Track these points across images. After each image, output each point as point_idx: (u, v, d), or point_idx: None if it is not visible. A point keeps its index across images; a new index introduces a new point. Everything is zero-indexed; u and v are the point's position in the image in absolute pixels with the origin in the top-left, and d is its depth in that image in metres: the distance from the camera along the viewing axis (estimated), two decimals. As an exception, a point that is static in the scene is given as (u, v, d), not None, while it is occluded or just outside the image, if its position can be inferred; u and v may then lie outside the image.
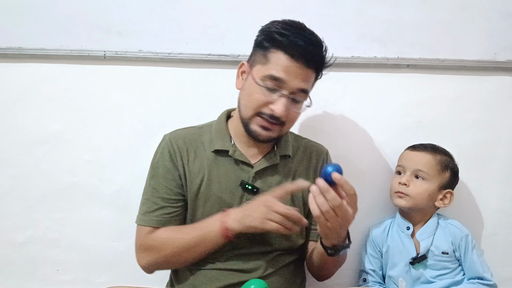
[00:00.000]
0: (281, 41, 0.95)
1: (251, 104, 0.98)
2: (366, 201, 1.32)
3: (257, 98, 0.97)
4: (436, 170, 1.18)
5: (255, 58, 1.01)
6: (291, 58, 0.95)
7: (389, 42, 1.29)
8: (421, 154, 1.20)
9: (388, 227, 1.25)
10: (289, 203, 1.06)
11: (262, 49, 0.99)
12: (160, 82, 1.30)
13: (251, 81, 0.99)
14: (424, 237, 1.19)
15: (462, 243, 1.18)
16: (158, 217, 1.04)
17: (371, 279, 1.24)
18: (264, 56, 0.98)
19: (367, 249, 1.26)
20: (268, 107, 0.97)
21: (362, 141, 1.32)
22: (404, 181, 1.19)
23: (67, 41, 1.26)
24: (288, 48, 0.95)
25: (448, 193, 1.20)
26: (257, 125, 1.00)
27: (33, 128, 1.29)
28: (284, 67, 0.95)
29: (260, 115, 0.99)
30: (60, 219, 1.31)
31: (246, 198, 1.04)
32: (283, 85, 0.96)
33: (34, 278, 1.32)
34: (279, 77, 0.95)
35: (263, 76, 0.96)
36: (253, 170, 1.05)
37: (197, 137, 1.08)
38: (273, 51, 0.96)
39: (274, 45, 0.96)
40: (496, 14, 1.29)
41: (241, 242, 1.02)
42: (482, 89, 1.32)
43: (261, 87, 0.96)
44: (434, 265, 1.17)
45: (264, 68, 0.97)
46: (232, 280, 1.01)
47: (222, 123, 1.09)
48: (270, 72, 0.96)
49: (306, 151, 1.14)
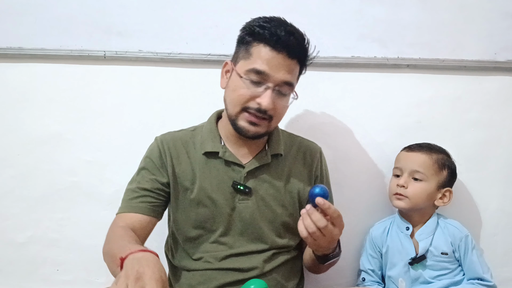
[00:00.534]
0: (262, 33, 0.95)
1: (237, 100, 0.98)
2: (366, 201, 1.33)
3: (242, 93, 0.97)
4: (433, 169, 1.18)
5: (238, 55, 1.01)
6: (273, 49, 0.95)
7: (389, 42, 1.29)
8: (417, 154, 1.20)
9: (388, 228, 1.25)
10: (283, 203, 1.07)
11: (244, 44, 0.99)
12: (160, 82, 1.30)
13: (235, 77, 0.99)
14: (423, 237, 1.19)
15: (462, 244, 1.18)
16: (135, 203, 1.02)
17: (370, 279, 1.24)
18: (246, 51, 0.98)
19: (367, 249, 1.26)
20: (254, 101, 0.97)
21: (362, 141, 1.32)
22: (402, 182, 1.19)
23: (67, 41, 1.27)
24: (269, 40, 0.95)
25: (447, 192, 1.20)
26: (245, 120, 0.99)
27: (33, 128, 1.29)
28: (267, 60, 0.95)
29: (247, 110, 0.98)
30: (60, 219, 1.31)
31: (239, 199, 1.04)
32: (268, 77, 0.95)
33: (34, 278, 1.32)
34: (263, 70, 0.95)
35: (246, 70, 0.96)
36: (244, 170, 1.05)
37: (189, 139, 1.08)
38: (255, 45, 0.97)
39: (256, 39, 0.97)
40: (496, 14, 1.29)
41: (237, 241, 1.03)
42: (482, 89, 1.32)
43: (245, 81, 0.96)
44: (433, 265, 1.17)
45: (247, 63, 0.97)
46: (230, 279, 1.01)
47: (212, 124, 1.09)
48: (253, 65, 0.95)
49: (299, 150, 1.14)
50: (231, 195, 1.04)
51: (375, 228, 1.27)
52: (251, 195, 1.04)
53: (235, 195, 1.04)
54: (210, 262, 1.03)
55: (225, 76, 1.05)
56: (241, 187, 1.03)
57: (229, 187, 1.04)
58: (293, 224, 1.09)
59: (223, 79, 1.05)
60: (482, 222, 1.32)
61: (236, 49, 1.04)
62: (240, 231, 1.04)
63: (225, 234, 1.04)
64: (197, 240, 1.05)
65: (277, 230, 1.07)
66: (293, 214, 1.08)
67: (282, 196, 1.07)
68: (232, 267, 1.02)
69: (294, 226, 1.10)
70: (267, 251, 1.05)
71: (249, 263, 1.03)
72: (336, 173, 1.23)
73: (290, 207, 1.08)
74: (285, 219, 1.07)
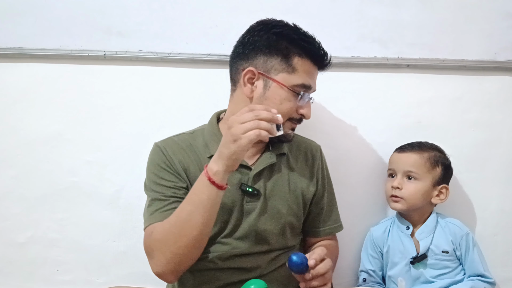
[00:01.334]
0: (308, 48, 1.00)
1: (284, 112, 0.99)
2: (365, 201, 1.33)
3: (290, 106, 1.00)
4: (426, 168, 1.18)
5: (271, 64, 0.99)
6: (314, 64, 1.02)
7: (389, 42, 1.29)
8: (408, 154, 1.20)
9: (389, 228, 1.25)
10: (288, 203, 1.07)
11: (280, 55, 0.99)
12: (160, 82, 1.30)
13: (278, 89, 0.99)
14: (424, 236, 1.19)
15: (463, 242, 1.18)
16: (167, 210, 0.97)
17: (371, 279, 1.24)
18: (287, 63, 0.99)
19: (368, 249, 1.26)
20: (297, 112, 1.02)
21: (362, 141, 1.32)
22: (396, 184, 1.19)
23: (67, 41, 1.26)
24: (313, 55, 1.01)
25: (443, 188, 1.20)
26: (289, 128, 1.04)
27: (33, 128, 1.29)
28: (311, 74, 1.02)
29: (291, 120, 1.03)
30: (60, 219, 1.31)
31: (246, 201, 1.04)
32: (310, 90, 1.02)
33: (34, 278, 1.32)
34: (309, 85, 1.01)
35: (293, 85, 0.99)
36: (252, 172, 1.04)
37: (190, 143, 1.07)
38: (297, 57, 0.99)
39: (297, 51, 0.99)
40: (496, 14, 1.29)
41: (242, 242, 1.03)
42: (482, 89, 1.32)
43: (292, 94, 0.99)
44: (434, 264, 1.17)
45: (294, 77, 0.99)
46: (232, 279, 1.01)
47: (214, 127, 1.08)
48: (302, 81, 1.00)
49: (300, 148, 1.14)
50: (239, 197, 1.03)
51: (376, 228, 1.27)
52: (259, 197, 1.04)
53: (243, 197, 1.04)
54: (215, 262, 1.02)
55: (247, 84, 1.01)
56: (249, 189, 1.03)
57: (237, 190, 1.03)
58: (297, 223, 1.10)
59: (246, 87, 1.01)
60: (482, 222, 1.32)
61: (264, 57, 0.99)
62: (246, 232, 1.03)
63: (230, 235, 1.03)
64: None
65: (282, 230, 1.06)
66: (297, 213, 1.09)
67: (287, 196, 1.07)
68: (236, 267, 1.02)
69: (298, 226, 1.11)
70: (272, 251, 1.05)
71: (253, 263, 1.03)
72: (336, 173, 1.23)
73: (294, 206, 1.08)
74: (290, 219, 1.07)
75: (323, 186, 1.15)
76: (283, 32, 0.99)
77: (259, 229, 1.04)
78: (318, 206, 1.14)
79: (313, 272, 0.89)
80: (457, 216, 1.26)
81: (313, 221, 1.15)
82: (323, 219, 1.15)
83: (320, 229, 1.15)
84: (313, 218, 1.15)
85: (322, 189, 1.14)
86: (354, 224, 1.29)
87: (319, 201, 1.14)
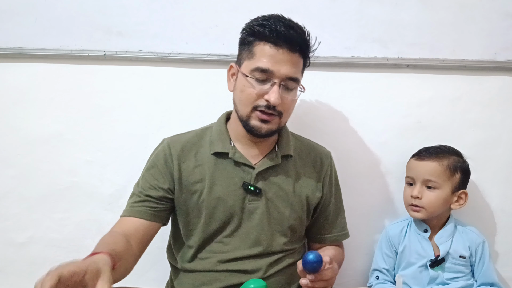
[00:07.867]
0: (263, 32, 0.97)
1: (245, 99, 0.99)
2: (365, 201, 1.33)
3: (249, 92, 0.98)
4: (446, 176, 1.17)
5: (241, 56, 1.02)
6: (274, 46, 0.96)
7: (389, 42, 1.29)
8: (427, 163, 1.18)
9: (406, 228, 1.24)
10: (292, 205, 1.07)
11: (246, 45, 1.00)
12: (160, 82, 1.30)
13: (241, 78, 1.00)
14: (443, 240, 1.19)
15: (479, 249, 1.19)
16: (137, 208, 1.02)
17: (384, 277, 1.24)
18: (249, 51, 0.99)
19: (382, 248, 1.26)
20: (262, 98, 0.98)
21: (362, 141, 1.32)
22: (416, 193, 1.18)
23: (67, 41, 1.27)
24: (270, 37, 0.96)
25: (462, 194, 1.20)
26: (257, 119, 0.99)
27: (33, 128, 1.29)
28: (270, 57, 0.96)
29: (257, 108, 0.99)
30: (60, 219, 1.31)
31: (249, 199, 1.04)
32: (272, 74, 0.96)
33: (34, 278, 1.30)
34: (267, 67, 0.96)
35: (251, 70, 0.97)
36: (254, 171, 1.04)
37: (197, 141, 1.08)
38: (257, 44, 0.98)
39: (257, 38, 0.98)
40: (496, 14, 1.29)
41: (243, 243, 1.03)
42: (482, 89, 1.32)
43: (251, 80, 0.97)
44: (450, 268, 1.17)
45: (251, 62, 0.98)
46: (233, 281, 1.01)
47: (221, 125, 1.09)
48: (257, 64, 0.96)
49: (310, 153, 1.14)
50: (241, 196, 1.04)
51: (392, 227, 1.27)
52: (261, 196, 1.04)
53: (245, 196, 1.04)
54: (215, 263, 1.02)
55: (231, 79, 1.05)
56: (251, 187, 1.03)
57: (239, 188, 1.03)
58: (300, 227, 1.10)
59: (229, 82, 1.06)
60: (482, 222, 1.32)
61: (239, 51, 1.04)
62: (247, 232, 1.04)
63: (232, 235, 1.04)
64: (203, 240, 1.04)
65: (284, 233, 1.06)
66: (300, 217, 1.08)
67: (291, 198, 1.07)
68: (236, 269, 1.02)
69: (300, 230, 1.11)
70: (273, 254, 1.05)
71: (254, 265, 1.03)
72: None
73: (298, 209, 1.08)
74: (292, 221, 1.07)
75: (330, 193, 1.15)
76: (250, 24, 1.01)
77: (261, 230, 1.04)
78: (324, 213, 1.14)
79: (317, 276, 0.88)
80: (457, 216, 1.26)
81: (319, 228, 1.15)
82: (329, 226, 1.15)
83: (326, 236, 1.15)
84: (319, 225, 1.15)
85: (329, 195, 1.14)
86: (354, 224, 1.29)
87: (326, 208, 1.14)
